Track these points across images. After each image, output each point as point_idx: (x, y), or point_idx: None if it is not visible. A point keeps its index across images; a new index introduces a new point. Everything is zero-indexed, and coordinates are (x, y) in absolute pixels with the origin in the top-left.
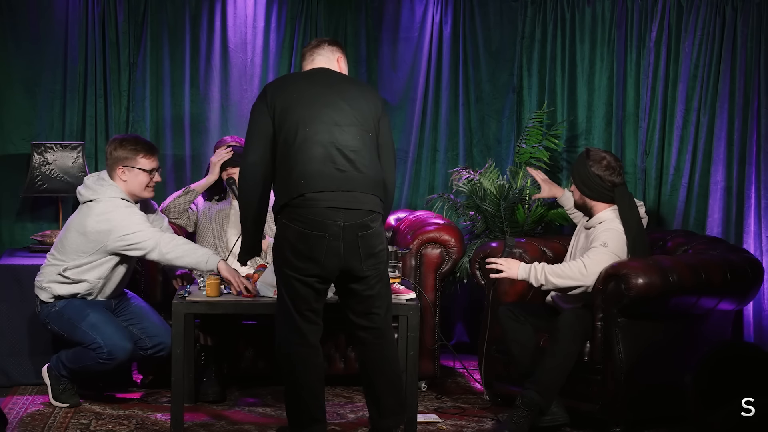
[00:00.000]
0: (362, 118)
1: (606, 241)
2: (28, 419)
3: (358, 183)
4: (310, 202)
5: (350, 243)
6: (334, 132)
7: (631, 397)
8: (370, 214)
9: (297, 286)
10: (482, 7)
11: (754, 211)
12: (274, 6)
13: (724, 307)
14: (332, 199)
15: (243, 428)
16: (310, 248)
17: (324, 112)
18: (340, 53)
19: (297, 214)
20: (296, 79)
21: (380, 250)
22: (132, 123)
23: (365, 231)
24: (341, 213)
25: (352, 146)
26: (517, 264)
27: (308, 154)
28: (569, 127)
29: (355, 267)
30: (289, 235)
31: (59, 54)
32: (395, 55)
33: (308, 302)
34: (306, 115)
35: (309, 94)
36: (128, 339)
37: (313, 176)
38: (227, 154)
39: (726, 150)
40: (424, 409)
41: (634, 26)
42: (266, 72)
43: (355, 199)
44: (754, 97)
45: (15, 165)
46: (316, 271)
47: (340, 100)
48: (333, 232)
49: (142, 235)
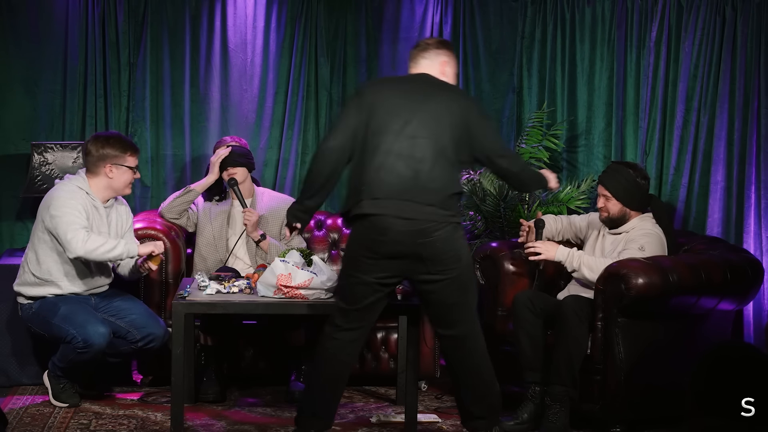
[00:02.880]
0: (440, 131)
1: (644, 245)
2: (28, 419)
3: (419, 194)
4: (372, 210)
5: (412, 249)
6: (405, 144)
7: (631, 397)
8: (433, 222)
9: (352, 284)
10: (482, 7)
11: (754, 211)
12: (274, 6)
13: (724, 307)
14: (395, 208)
15: (243, 428)
16: (373, 250)
17: (401, 122)
18: (447, 56)
19: (359, 218)
20: (390, 85)
21: (452, 256)
22: (132, 123)
23: (426, 239)
24: (402, 222)
25: (420, 158)
26: (555, 246)
27: (376, 161)
28: (569, 127)
29: (419, 271)
30: (354, 236)
31: (59, 54)
32: (395, 55)
33: (357, 302)
34: (384, 123)
35: (393, 104)
36: (102, 324)
37: (375, 183)
38: (226, 153)
39: (726, 150)
40: (424, 409)
41: (634, 26)
42: (266, 72)
43: (420, 210)
44: (754, 97)
45: (15, 165)
46: (374, 272)
47: (421, 112)
48: (392, 237)
49: (68, 219)
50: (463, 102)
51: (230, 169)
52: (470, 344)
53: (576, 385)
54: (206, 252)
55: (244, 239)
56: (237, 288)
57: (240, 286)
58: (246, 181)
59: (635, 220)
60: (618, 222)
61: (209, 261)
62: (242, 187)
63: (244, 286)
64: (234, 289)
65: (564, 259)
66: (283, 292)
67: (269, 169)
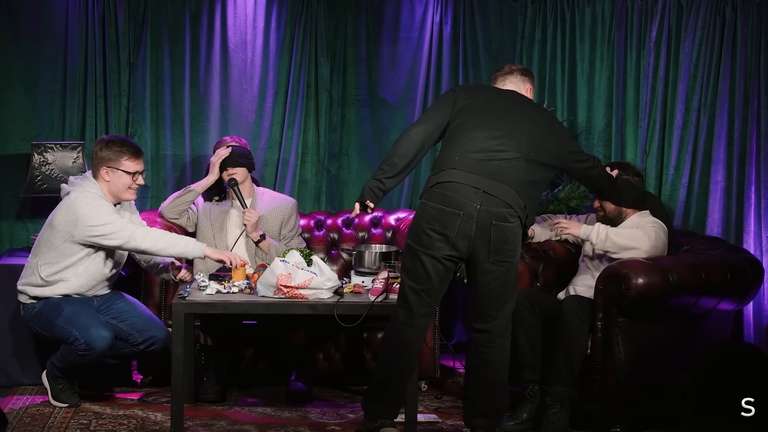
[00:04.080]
0: (525, 135)
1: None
2: (28, 419)
3: (505, 177)
4: (452, 179)
5: (483, 228)
6: (492, 141)
7: (631, 397)
8: (509, 208)
9: (423, 260)
10: (482, 7)
11: (754, 211)
12: (274, 6)
13: (724, 307)
14: (475, 180)
15: (243, 428)
16: (443, 225)
17: (490, 120)
18: (530, 84)
19: (437, 193)
20: (487, 88)
21: (509, 249)
22: (132, 123)
23: (501, 222)
24: (480, 196)
25: (505, 151)
26: (579, 224)
27: (463, 148)
28: (569, 127)
29: (481, 254)
30: (426, 212)
31: (59, 54)
32: (395, 55)
33: (430, 279)
34: (474, 120)
35: (485, 104)
36: (105, 328)
37: (463, 157)
38: (226, 153)
39: (726, 150)
40: (424, 409)
41: (634, 26)
42: (266, 72)
43: (499, 188)
44: (754, 97)
45: (15, 165)
46: (445, 250)
47: (510, 114)
48: (468, 211)
49: (113, 227)
50: (546, 113)
51: (230, 169)
52: (500, 342)
53: (576, 385)
54: None
55: (244, 239)
56: (237, 288)
57: (240, 286)
58: (246, 182)
59: (634, 217)
60: (615, 221)
61: (209, 261)
62: (242, 188)
63: (244, 286)
64: (234, 289)
65: (588, 234)
66: (283, 292)
67: (269, 169)
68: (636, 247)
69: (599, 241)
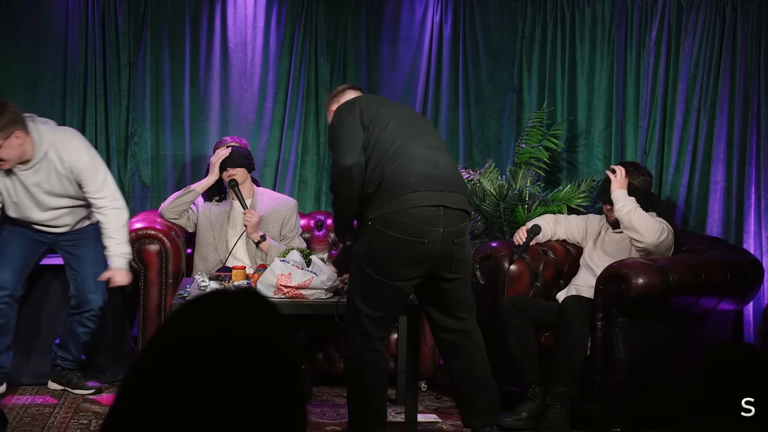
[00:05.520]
0: (439, 141)
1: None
2: (28, 419)
3: (453, 183)
4: (414, 204)
5: (445, 250)
6: (429, 153)
7: (631, 397)
8: (466, 214)
9: (383, 289)
10: (482, 7)
11: (754, 211)
12: (274, 6)
13: (724, 307)
14: (436, 198)
15: None
16: (406, 254)
17: (417, 130)
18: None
19: (397, 222)
20: (380, 98)
21: (467, 257)
22: (132, 123)
23: (460, 238)
24: (442, 217)
25: (443, 164)
26: (620, 183)
27: (415, 164)
28: (569, 127)
29: (444, 270)
30: (387, 243)
31: (59, 54)
32: (395, 55)
33: (390, 308)
34: (403, 132)
35: (395, 110)
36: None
37: (419, 176)
38: (226, 153)
39: (726, 150)
40: (424, 409)
41: (634, 26)
42: (266, 72)
43: (455, 198)
44: (754, 97)
45: None
46: (407, 276)
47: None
48: (432, 238)
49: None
50: None
51: (230, 169)
52: (476, 337)
53: (577, 385)
54: (206, 252)
55: (244, 240)
56: None
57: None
58: (246, 182)
59: None
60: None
61: (209, 261)
62: (242, 188)
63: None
64: None
65: (617, 198)
66: (283, 292)
67: (269, 169)
68: (641, 234)
69: (621, 208)
